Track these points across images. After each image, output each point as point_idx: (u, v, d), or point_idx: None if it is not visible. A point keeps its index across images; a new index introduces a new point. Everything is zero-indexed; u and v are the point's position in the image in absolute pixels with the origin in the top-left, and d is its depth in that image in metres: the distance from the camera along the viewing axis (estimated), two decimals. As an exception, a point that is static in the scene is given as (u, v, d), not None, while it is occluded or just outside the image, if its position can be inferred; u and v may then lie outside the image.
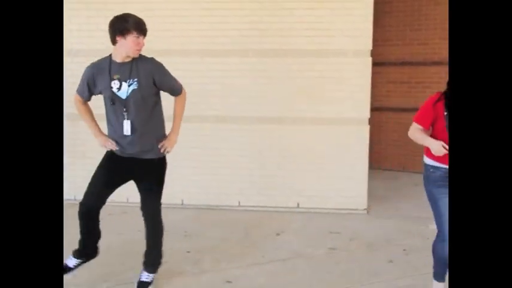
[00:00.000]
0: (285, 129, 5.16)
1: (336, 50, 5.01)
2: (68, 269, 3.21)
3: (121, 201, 5.07)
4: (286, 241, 4.28)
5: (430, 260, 3.81)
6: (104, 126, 3.23)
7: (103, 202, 3.17)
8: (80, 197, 3.21)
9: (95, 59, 3.22)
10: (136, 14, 3.05)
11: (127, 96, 3.00)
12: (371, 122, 5.15)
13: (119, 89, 3.01)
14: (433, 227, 4.64)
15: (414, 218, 4.93)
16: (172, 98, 3.32)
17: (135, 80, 3.01)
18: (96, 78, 3.06)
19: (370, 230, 4.59)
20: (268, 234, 4.47)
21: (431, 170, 3.01)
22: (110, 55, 3.06)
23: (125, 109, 3.02)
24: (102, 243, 3.91)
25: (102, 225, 3.34)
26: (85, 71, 3.12)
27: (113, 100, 3.02)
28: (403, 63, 7.18)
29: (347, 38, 4.98)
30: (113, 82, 3.01)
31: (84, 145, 5.20)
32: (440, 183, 2.91)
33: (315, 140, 5.17)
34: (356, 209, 5.13)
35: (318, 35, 5.02)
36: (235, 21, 5.07)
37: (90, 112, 3.24)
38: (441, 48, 6.85)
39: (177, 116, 3.28)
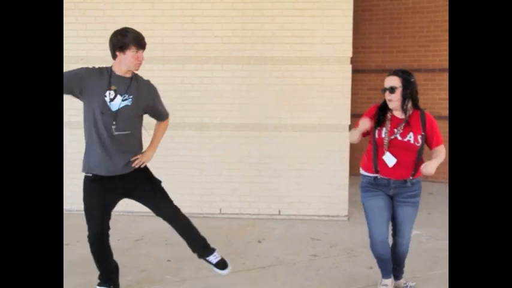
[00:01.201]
0: (266, 136, 5.17)
1: (317, 57, 5.05)
2: None
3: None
4: (268, 248, 4.27)
5: (409, 266, 3.84)
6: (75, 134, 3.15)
7: (107, 227, 3.13)
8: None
9: (73, 66, 3.18)
10: (114, 21, 3.04)
11: (116, 110, 2.96)
12: (352, 128, 5.18)
13: (112, 100, 2.96)
14: (413, 233, 4.69)
15: (394, 224, 4.96)
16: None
17: (131, 96, 3.00)
18: (90, 81, 2.96)
19: (350, 236, 4.61)
20: (250, 241, 4.45)
21: (361, 178, 3.26)
22: (111, 66, 3.03)
23: (114, 122, 2.96)
24: (80, 253, 3.85)
25: (81, 235, 3.30)
26: (81, 69, 3.00)
27: (102, 109, 2.95)
28: (383, 71, 7.26)
29: (327, 45, 5.02)
30: (108, 91, 2.96)
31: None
32: (366, 188, 3.18)
33: (296, 147, 5.18)
34: (337, 216, 5.15)
35: (299, 42, 5.05)
36: (216, 28, 5.07)
37: None
38: (420, 56, 6.96)
39: (158, 136, 3.33)
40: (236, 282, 3.56)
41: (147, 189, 3.17)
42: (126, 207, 5.35)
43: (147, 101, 3.09)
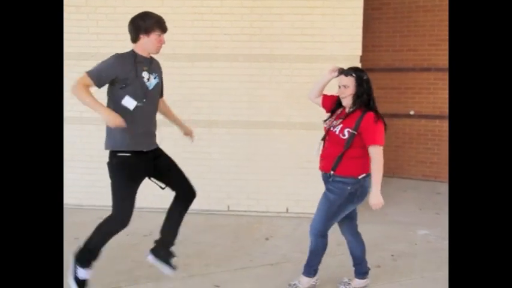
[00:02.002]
0: (274, 134, 5.18)
1: (326, 55, 5.04)
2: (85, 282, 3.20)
3: (109, 205, 5.06)
4: (275, 246, 4.28)
5: (417, 266, 3.84)
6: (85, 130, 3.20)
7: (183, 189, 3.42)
8: (69, 200, 3.19)
9: (85, 62, 3.23)
10: (124, 18, 3.07)
11: (152, 88, 3.12)
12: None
13: (148, 79, 3.10)
14: (421, 233, 4.68)
15: (402, 224, 4.95)
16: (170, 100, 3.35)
17: (157, 74, 3.18)
18: (123, 69, 3.01)
19: (358, 235, 4.60)
20: (257, 238, 4.46)
21: None
22: (132, 50, 3.11)
23: (147, 97, 3.07)
24: None
25: (92, 230, 3.33)
26: (110, 60, 3.02)
27: (140, 89, 3.03)
28: (393, 70, 7.24)
29: (337, 43, 5.01)
30: (143, 72, 3.08)
31: (73, 148, 5.17)
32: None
33: (304, 145, 5.18)
34: (345, 214, 5.14)
35: (308, 41, 5.04)
36: (225, 25, 5.08)
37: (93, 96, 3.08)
38: (430, 55, 6.92)
39: (174, 114, 3.58)
40: (243, 279, 3.57)
41: (168, 162, 3.37)
42: (135, 203, 5.40)
43: (161, 75, 3.28)
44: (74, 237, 3.90)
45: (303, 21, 5.03)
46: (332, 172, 3.07)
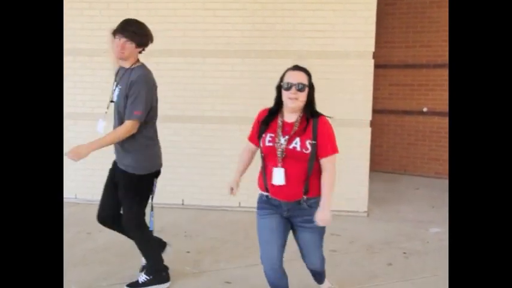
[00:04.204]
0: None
1: (338, 51, 5.00)
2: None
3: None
4: (287, 242, 4.27)
5: (429, 264, 3.81)
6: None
7: (113, 212, 3.19)
8: (80, 196, 3.23)
9: (97, 58, 3.26)
10: (137, 14, 3.08)
11: (115, 100, 3.08)
12: (373, 124, 5.14)
13: (114, 90, 3.11)
14: (433, 231, 4.64)
15: (414, 222, 4.92)
16: (170, 100, 3.34)
17: (120, 87, 3.06)
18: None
19: (370, 232, 4.58)
20: (268, 235, 4.45)
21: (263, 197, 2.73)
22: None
23: (106, 111, 3.15)
24: (102, 242, 3.91)
25: (93, 227, 3.36)
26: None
27: (110, 100, 3.14)
28: (406, 66, 7.17)
29: (349, 39, 4.97)
30: (114, 83, 3.13)
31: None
32: (260, 204, 2.71)
33: (316, 142, 5.15)
34: (356, 212, 5.12)
35: (320, 37, 5.01)
36: (237, 21, 5.07)
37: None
38: (444, 51, 6.84)
39: (105, 140, 2.97)
40: (254, 275, 3.57)
41: (121, 193, 3.17)
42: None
43: (128, 87, 2.97)
44: (86, 232, 3.94)
45: (315, 17, 5.00)
46: (305, 197, 2.56)
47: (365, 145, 5.09)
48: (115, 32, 3.01)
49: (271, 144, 2.54)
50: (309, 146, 2.50)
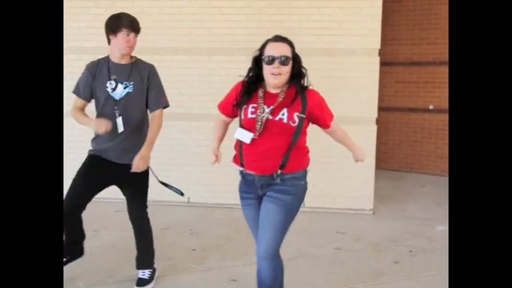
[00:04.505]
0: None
1: (344, 49, 4.99)
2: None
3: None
4: (291, 240, 4.24)
5: (436, 262, 3.80)
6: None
7: (85, 204, 3.11)
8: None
9: (102, 57, 3.24)
10: (142, 12, 3.06)
11: (120, 98, 3.01)
12: (378, 122, 5.13)
13: (114, 89, 3.01)
14: (439, 229, 4.62)
15: (421, 219, 4.90)
16: (176, 98, 3.31)
17: (132, 83, 3.02)
18: (94, 77, 3.03)
19: (376, 230, 4.57)
20: (274, 233, 4.45)
21: (239, 176, 2.54)
22: (108, 56, 3.08)
23: (116, 108, 3.00)
24: (108, 240, 3.93)
25: (109, 222, 3.36)
26: (84, 72, 3.09)
27: (105, 100, 3.01)
28: (412, 63, 7.15)
29: (355, 37, 4.96)
30: (108, 82, 3.01)
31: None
32: (240, 190, 2.55)
33: (321, 139, 5.13)
34: (362, 209, 5.11)
35: (326, 34, 5.00)
36: (242, 19, 5.06)
37: (84, 113, 3.12)
38: (450, 48, 6.80)
39: (153, 134, 3.07)
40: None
41: (129, 187, 3.17)
42: (153, 197, 5.43)
43: (146, 80, 3.04)
44: (93, 230, 3.95)
45: (321, 14, 4.99)
46: (280, 171, 2.37)
47: (371, 143, 5.08)
48: (128, 29, 2.95)
49: (254, 116, 2.36)
50: (296, 119, 2.35)
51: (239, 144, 2.46)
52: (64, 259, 3.17)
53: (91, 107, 3.17)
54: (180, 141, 5.13)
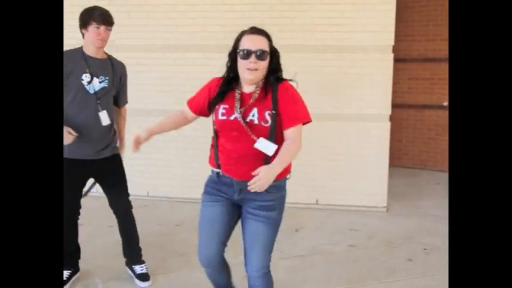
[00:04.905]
0: (304, 126, 5.13)
1: (357, 45, 4.96)
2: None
3: (141, 194, 5.14)
4: (305, 237, 4.27)
5: (444, 263, 3.76)
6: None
7: (78, 209, 3.21)
8: (101, 190, 3.27)
9: (116, 54, 3.27)
10: (156, 9, 3.06)
11: (94, 92, 3.01)
12: (392, 118, 5.10)
13: (89, 82, 3.00)
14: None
15: (435, 217, 4.87)
16: (189, 95, 3.33)
17: (107, 78, 3.07)
18: (68, 66, 2.97)
19: (389, 228, 4.55)
20: (287, 230, 4.44)
21: (213, 174, 2.35)
22: (81, 47, 3.06)
23: (98, 102, 3.02)
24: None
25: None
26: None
27: (77, 92, 2.98)
28: (426, 60, 7.08)
29: (369, 33, 4.93)
30: (84, 74, 2.99)
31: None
32: (208, 187, 2.35)
33: (334, 136, 5.14)
34: (375, 207, 5.09)
35: (339, 31, 4.97)
36: (255, 16, 5.05)
37: None
38: (465, 44, 6.72)
39: (124, 126, 3.39)
40: (274, 269, 3.53)
41: (112, 179, 3.22)
42: (167, 193, 5.48)
43: (120, 78, 3.17)
44: (108, 226, 3.98)
45: (333, 10, 4.96)
46: None
47: (384, 140, 5.06)
48: (98, 22, 2.94)
49: (224, 117, 2.17)
50: (268, 118, 2.12)
51: (215, 145, 2.29)
52: (69, 271, 3.21)
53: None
54: (195, 138, 5.15)
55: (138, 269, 3.32)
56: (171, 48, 5.18)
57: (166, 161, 5.42)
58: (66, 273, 3.20)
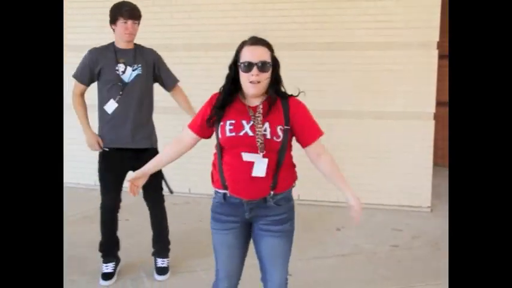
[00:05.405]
0: (345, 124, 5.08)
1: (401, 42, 4.87)
2: (110, 275, 3.31)
3: (183, 191, 5.22)
4: (347, 236, 4.23)
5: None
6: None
7: (119, 200, 3.31)
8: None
9: (161, 53, 3.34)
10: (185, 9, 3.11)
11: (130, 80, 3.14)
12: (436, 117, 4.97)
13: (123, 72, 3.14)
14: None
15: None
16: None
17: (139, 65, 3.17)
18: (99, 61, 3.15)
19: (434, 228, 4.44)
20: (328, 228, 4.42)
21: (218, 197, 2.22)
22: (113, 42, 3.21)
23: (121, 92, 3.13)
24: (137, 228, 3.98)
25: (168, 215, 3.45)
26: (86, 56, 3.21)
27: (116, 82, 3.13)
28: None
29: (412, 29, 4.82)
30: (118, 65, 3.14)
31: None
32: (216, 212, 2.23)
33: (377, 135, 5.05)
34: (419, 207, 4.98)
35: (382, 27, 4.89)
36: (296, 14, 5.04)
37: (84, 106, 3.28)
38: None
39: (189, 105, 3.39)
40: (316, 268, 3.55)
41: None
42: (207, 191, 5.52)
43: (153, 65, 3.24)
44: (125, 219, 4.01)
45: (376, 7, 4.89)
46: (272, 193, 2.10)
47: (428, 138, 4.94)
48: (125, 17, 3.07)
49: (233, 134, 2.05)
50: (280, 133, 2.06)
51: (219, 164, 2.15)
52: (113, 264, 3.33)
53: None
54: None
55: (160, 262, 3.40)
56: (211, 47, 5.23)
57: (208, 159, 5.46)
58: (111, 266, 3.30)
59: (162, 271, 3.37)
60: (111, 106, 3.16)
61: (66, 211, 4.75)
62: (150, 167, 2.32)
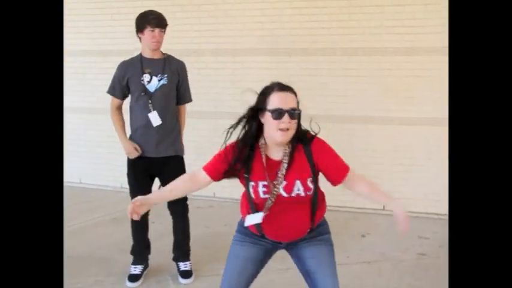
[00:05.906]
0: (372, 129, 5.05)
1: (428, 47, 4.81)
2: (137, 277, 3.37)
3: (208, 195, 5.26)
4: (372, 243, 4.19)
5: None
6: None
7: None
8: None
9: (187, 58, 3.41)
10: (225, 14, 3.14)
11: (155, 90, 3.18)
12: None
13: (149, 82, 3.18)
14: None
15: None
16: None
17: (165, 75, 3.20)
18: (127, 73, 3.22)
19: (462, 236, 4.36)
20: (354, 235, 4.39)
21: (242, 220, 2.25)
22: (140, 53, 3.27)
23: (150, 101, 3.17)
24: (162, 231, 4.03)
25: (191, 219, 3.48)
26: (115, 71, 3.29)
27: (141, 92, 3.18)
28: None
29: (440, 34, 4.76)
30: (144, 75, 3.18)
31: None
32: (243, 232, 2.24)
33: (403, 141, 5.00)
34: (446, 215, 4.89)
35: (409, 33, 4.85)
36: (323, 19, 5.04)
37: (121, 119, 3.36)
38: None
39: (183, 127, 3.46)
40: (341, 274, 3.44)
41: (172, 179, 3.27)
42: (231, 195, 5.55)
43: (177, 76, 3.27)
44: (151, 222, 4.04)
45: (404, 12, 4.85)
46: (309, 230, 2.18)
47: (456, 145, 4.85)
48: (152, 25, 3.12)
49: (267, 196, 2.06)
50: (311, 185, 2.06)
51: (252, 211, 2.14)
52: (141, 266, 3.39)
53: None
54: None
55: (182, 265, 3.44)
56: (240, 52, 5.27)
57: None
58: (139, 268, 3.35)
59: (185, 274, 3.41)
60: (155, 119, 3.20)
61: (93, 213, 4.88)
62: (155, 198, 2.28)
